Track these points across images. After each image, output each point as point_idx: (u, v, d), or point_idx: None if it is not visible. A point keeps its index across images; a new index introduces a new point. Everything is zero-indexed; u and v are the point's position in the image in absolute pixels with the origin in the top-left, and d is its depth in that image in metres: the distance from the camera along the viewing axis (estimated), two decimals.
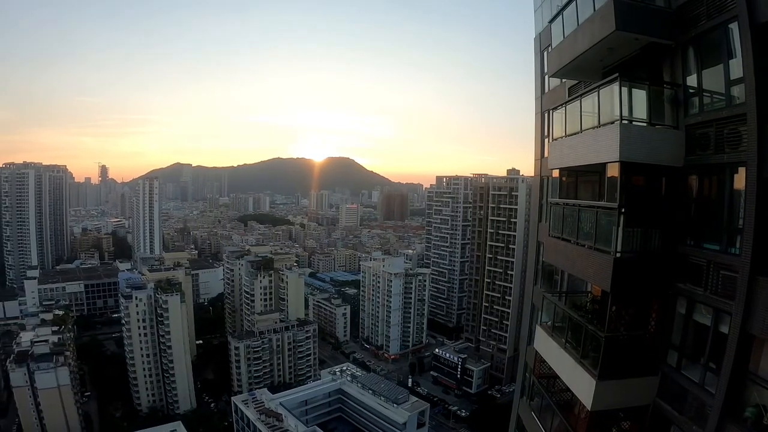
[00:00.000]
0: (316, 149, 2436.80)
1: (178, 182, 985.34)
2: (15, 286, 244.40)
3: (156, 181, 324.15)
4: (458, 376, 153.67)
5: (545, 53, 27.73)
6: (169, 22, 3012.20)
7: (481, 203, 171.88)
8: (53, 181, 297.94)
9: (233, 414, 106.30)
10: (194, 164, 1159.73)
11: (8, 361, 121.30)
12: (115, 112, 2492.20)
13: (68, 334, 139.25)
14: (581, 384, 18.98)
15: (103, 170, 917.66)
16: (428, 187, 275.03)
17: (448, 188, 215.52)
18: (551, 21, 22.80)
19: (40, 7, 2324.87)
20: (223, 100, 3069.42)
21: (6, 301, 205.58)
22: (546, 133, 29.00)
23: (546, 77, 28.94)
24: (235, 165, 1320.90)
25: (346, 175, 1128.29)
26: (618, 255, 17.11)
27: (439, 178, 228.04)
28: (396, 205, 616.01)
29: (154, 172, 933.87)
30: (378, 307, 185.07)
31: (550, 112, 24.75)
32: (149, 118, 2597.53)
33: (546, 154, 28.41)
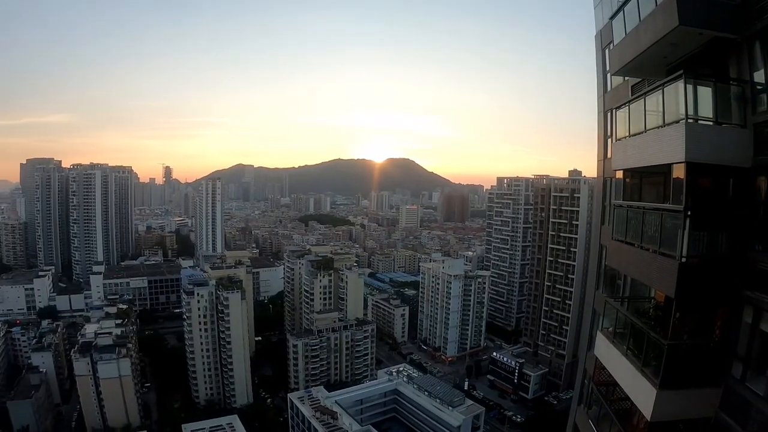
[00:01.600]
0: (376, 150, 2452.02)
1: (240, 183, 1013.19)
2: (81, 280, 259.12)
3: (218, 181, 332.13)
4: (515, 380, 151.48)
5: (607, 51, 26.98)
6: (230, 27, 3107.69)
7: (542, 205, 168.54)
8: (119, 182, 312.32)
9: (289, 410, 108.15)
10: (256, 165, 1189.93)
11: (73, 351, 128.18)
12: (178, 115, 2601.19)
13: (131, 328, 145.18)
14: (641, 393, 18.46)
15: (167, 171, 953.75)
16: (489, 188, 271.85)
17: (509, 189, 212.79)
18: (612, 17, 22.29)
19: (103, 13, 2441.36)
20: (284, 102, 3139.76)
21: (72, 295, 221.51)
22: (609, 133, 28.37)
23: (608, 75, 28.18)
24: (296, 166, 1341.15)
25: (406, 176, 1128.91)
26: (683, 260, 16.63)
27: (499, 180, 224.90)
28: (456, 207, 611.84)
29: (216, 173, 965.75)
30: (437, 308, 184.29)
31: (613, 111, 24.35)
32: (212, 120, 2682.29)
33: (609, 155, 27.81)
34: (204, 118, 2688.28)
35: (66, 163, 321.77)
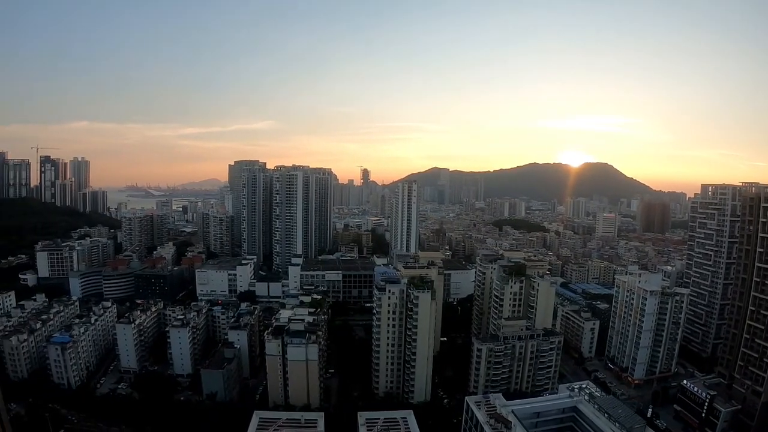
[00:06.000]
0: (572, 154, 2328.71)
1: (435, 186, 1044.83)
2: (280, 270, 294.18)
3: (414, 184, 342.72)
4: (703, 414, 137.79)
5: None
6: (427, 35, 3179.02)
7: (750, 217, 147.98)
8: (319, 182, 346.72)
9: (464, 413, 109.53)
10: (451, 169, 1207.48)
11: (266, 332, 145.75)
12: (377, 121, 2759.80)
13: (322, 317, 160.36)
14: None
15: (365, 173, 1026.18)
16: (692, 196, 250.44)
17: (714, 198, 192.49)
18: None
19: (308, 33, 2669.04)
20: (481, 105, 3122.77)
21: (271, 283, 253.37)
22: None
23: None
24: (491, 170, 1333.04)
25: (603, 182, 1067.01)
26: None
27: (704, 187, 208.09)
28: (656, 216, 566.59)
29: (412, 175, 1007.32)
30: (628, 325, 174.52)
31: None
32: (409, 125, 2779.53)
33: None
34: (402, 123, 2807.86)
35: (270, 165, 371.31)
